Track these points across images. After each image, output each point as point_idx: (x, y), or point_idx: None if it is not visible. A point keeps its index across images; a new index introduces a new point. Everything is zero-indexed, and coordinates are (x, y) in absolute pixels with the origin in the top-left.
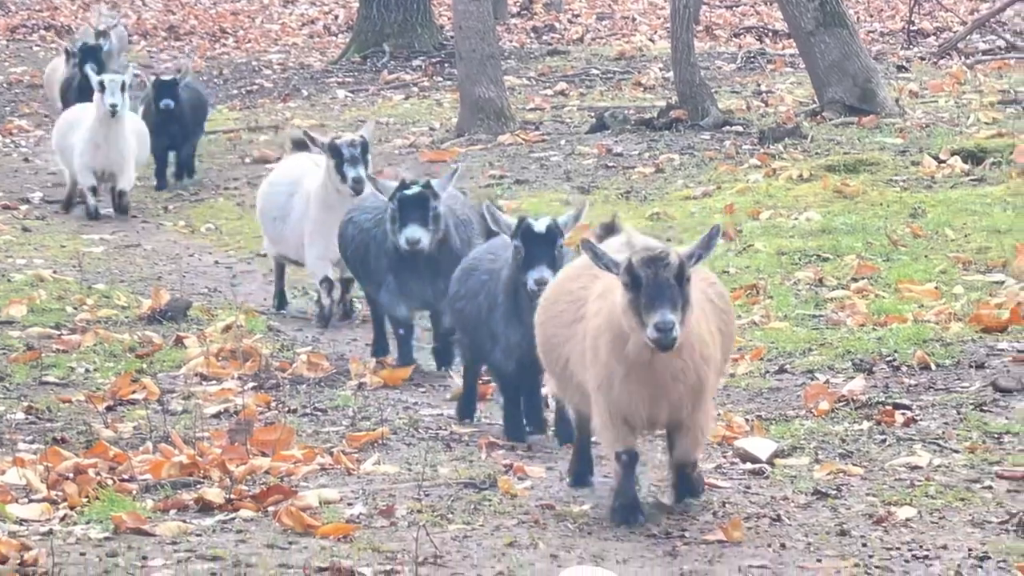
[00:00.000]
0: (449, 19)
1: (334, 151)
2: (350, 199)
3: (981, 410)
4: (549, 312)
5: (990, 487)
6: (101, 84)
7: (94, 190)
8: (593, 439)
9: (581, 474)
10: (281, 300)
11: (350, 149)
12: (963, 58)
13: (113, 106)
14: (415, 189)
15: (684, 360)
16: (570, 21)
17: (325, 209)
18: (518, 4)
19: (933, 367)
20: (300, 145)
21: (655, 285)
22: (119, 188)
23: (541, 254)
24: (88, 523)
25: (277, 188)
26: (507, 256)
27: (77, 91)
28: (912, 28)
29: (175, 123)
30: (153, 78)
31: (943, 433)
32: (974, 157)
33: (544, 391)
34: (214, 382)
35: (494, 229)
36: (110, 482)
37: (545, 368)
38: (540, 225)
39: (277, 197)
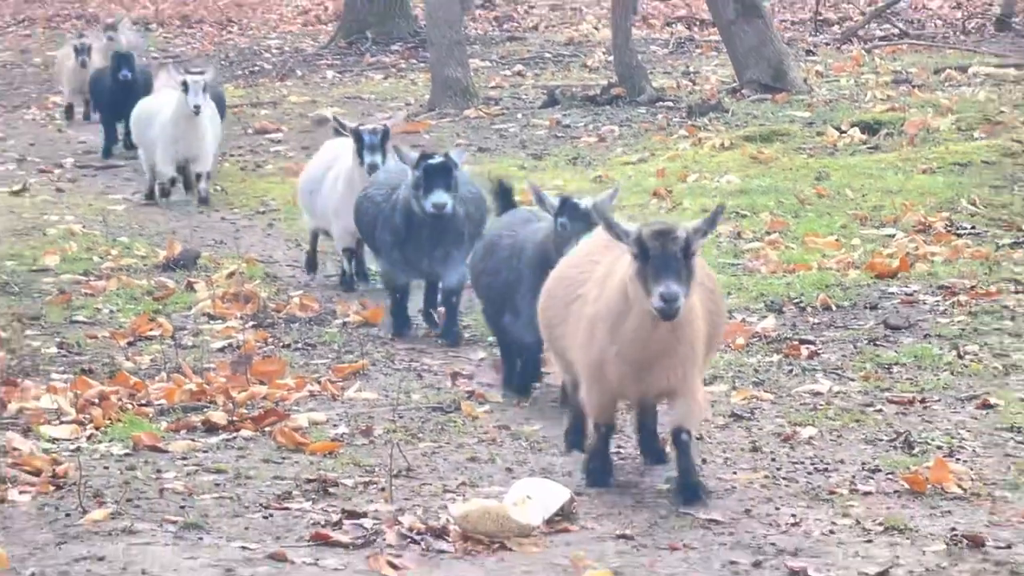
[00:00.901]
0: (423, 10)
1: (357, 136)
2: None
3: (874, 345)
4: (551, 298)
5: (881, 410)
6: (184, 84)
7: (173, 181)
8: None
9: (576, 443)
10: (311, 265)
11: (371, 136)
12: (862, 44)
13: (197, 107)
14: (439, 158)
15: (677, 336)
16: (526, 11)
17: (349, 187)
18: None
19: (834, 308)
20: (321, 123)
21: (662, 257)
22: (197, 171)
23: (586, 231)
24: (111, 441)
25: (318, 165)
26: (530, 230)
27: (109, 93)
28: (819, 18)
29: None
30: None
31: (841, 364)
32: (871, 128)
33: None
34: (219, 321)
35: (539, 208)
36: (130, 406)
37: (550, 349)
38: (586, 204)
39: (316, 172)
